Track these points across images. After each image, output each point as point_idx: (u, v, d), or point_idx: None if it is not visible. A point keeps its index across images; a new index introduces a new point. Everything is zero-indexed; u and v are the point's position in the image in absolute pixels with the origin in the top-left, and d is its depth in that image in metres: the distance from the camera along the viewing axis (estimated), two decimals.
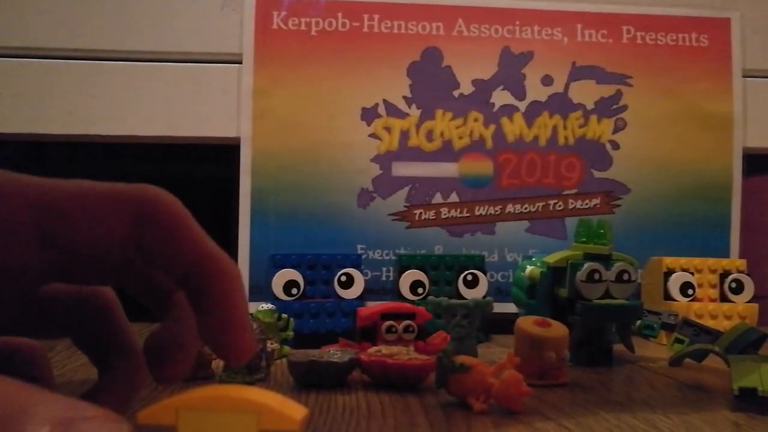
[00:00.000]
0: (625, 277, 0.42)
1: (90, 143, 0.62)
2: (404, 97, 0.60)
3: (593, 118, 0.62)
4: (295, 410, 0.18)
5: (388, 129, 0.60)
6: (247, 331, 0.22)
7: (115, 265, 0.23)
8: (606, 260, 0.42)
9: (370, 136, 0.59)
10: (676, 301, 0.53)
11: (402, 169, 0.59)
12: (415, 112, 0.60)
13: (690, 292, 0.54)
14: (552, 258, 0.44)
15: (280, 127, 0.59)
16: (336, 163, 0.59)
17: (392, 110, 0.60)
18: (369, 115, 0.59)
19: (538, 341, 0.36)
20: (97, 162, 0.66)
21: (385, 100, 0.60)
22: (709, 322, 0.51)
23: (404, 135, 0.60)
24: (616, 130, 0.62)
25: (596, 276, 0.42)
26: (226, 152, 0.60)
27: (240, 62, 0.59)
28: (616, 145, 0.62)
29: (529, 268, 0.48)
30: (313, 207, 0.58)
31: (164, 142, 0.60)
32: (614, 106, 0.63)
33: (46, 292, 0.24)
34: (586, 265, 0.42)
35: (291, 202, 0.58)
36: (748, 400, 0.31)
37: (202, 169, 0.63)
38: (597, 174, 0.62)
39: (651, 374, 0.40)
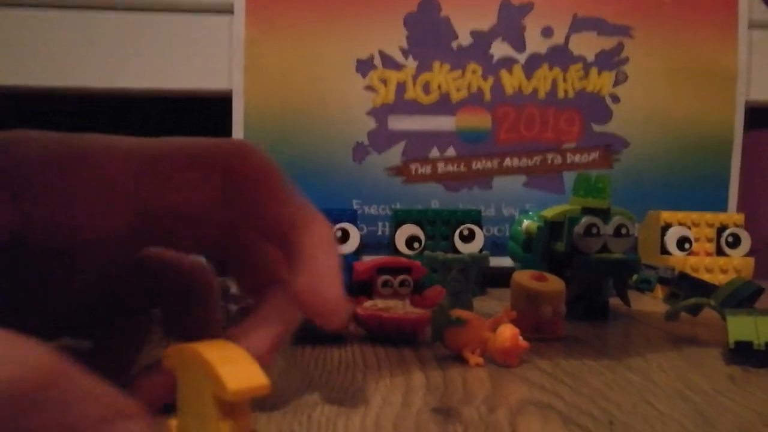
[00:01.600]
0: (623, 231, 0.42)
1: (77, 96, 0.60)
2: (401, 48, 0.58)
3: (594, 70, 0.61)
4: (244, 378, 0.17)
5: (383, 81, 0.58)
6: (333, 284, 0.21)
7: (210, 230, 0.22)
8: (604, 214, 0.42)
9: (365, 88, 0.58)
10: (673, 255, 0.53)
11: (398, 123, 0.58)
12: (411, 64, 0.58)
13: (687, 246, 0.54)
14: (550, 212, 0.44)
15: (272, 79, 0.57)
16: (330, 117, 0.58)
17: (388, 62, 0.58)
18: (364, 66, 0.58)
19: (534, 295, 0.36)
20: (84, 116, 0.65)
21: (380, 52, 0.58)
22: (705, 276, 0.51)
23: (400, 87, 0.58)
24: (616, 83, 0.61)
25: (594, 230, 0.41)
26: (217, 106, 0.59)
27: (231, 12, 0.57)
28: (616, 99, 0.61)
29: (526, 222, 0.48)
30: (307, 161, 0.57)
31: (154, 95, 0.59)
32: (615, 59, 0.61)
33: (145, 262, 0.24)
34: (583, 219, 0.41)
35: (284, 156, 0.57)
36: (743, 354, 0.31)
37: (192, 124, 0.61)
38: (596, 128, 0.61)
39: (647, 328, 0.40)
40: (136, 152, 0.21)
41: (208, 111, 0.60)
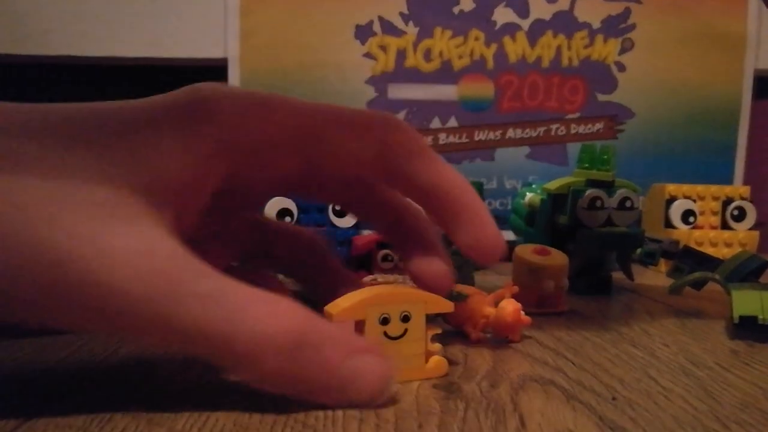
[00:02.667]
0: (628, 204, 0.41)
1: (69, 65, 0.59)
2: (401, 14, 0.56)
3: (599, 38, 0.59)
4: (447, 302, 0.24)
5: (383, 48, 0.57)
6: (496, 228, 0.25)
7: (355, 186, 0.26)
8: (608, 187, 0.41)
9: (364, 55, 0.57)
10: (677, 228, 0.53)
11: (398, 92, 0.57)
12: (412, 30, 0.57)
13: (691, 219, 0.53)
14: (553, 185, 0.43)
15: (268, 46, 0.56)
16: (328, 85, 0.56)
17: (388, 28, 0.57)
18: (363, 33, 0.56)
19: (536, 269, 0.35)
20: (76, 85, 0.63)
21: (380, 17, 0.56)
22: (709, 250, 0.50)
23: (401, 54, 0.57)
24: (622, 51, 0.60)
25: (598, 203, 0.41)
26: (212, 74, 0.57)
27: None
28: (622, 67, 0.60)
29: (528, 195, 0.47)
30: None
31: (147, 63, 0.58)
32: (622, 26, 0.59)
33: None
34: (588, 192, 0.41)
35: None
36: (747, 329, 0.31)
37: None
38: (601, 97, 0.60)
39: (650, 302, 0.40)
40: (305, 110, 0.23)
41: (202, 79, 0.59)
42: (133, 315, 0.18)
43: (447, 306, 0.25)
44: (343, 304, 0.23)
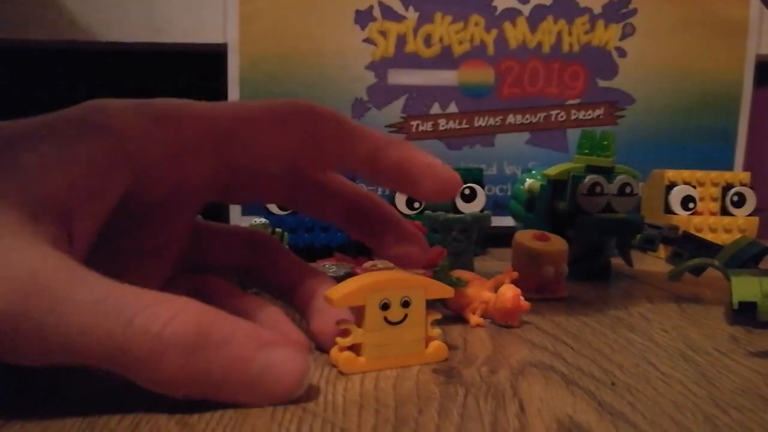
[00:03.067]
0: (627, 190, 0.41)
1: (66, 50, 0.59)
2: None
3: (600, 23, 0.59)
4: (447, 287, 0.25)
5: (383, 33, 0.56)
6: (438, 165, 0.25)
7: (289, 180, 0.26)
8: (608, 173, 0.41)
9: (364, 41, 0.56)
10: (677, 214, 0.53)
11: (398, 77, 0.57)
12: (412, 15, 0.56)
13: (691, 205, 0.53)
14: (553, 170, 0.43)
15: (268, 32, 0.55)
16: (328, 71, 0.56)
17: (388, 13, 0.56)
18: (363, 18, 0.56)
19: (536, 255, 0.35)
20: (74, 71, 0.63)
21: (380, 2, 0.56)
22: (708, 236, 0.50)
23: (401, 40, 0.56)
24: (623, 37, 0.59)
25: (598, 189, 0.41)
26: (210, 60, 0.57)
27: None
28: (622, 53, 0.59)
29: (528, 181, 0.47)
30: None
31: (145, 49, 0.57)
32: (623, 11, 0.59)
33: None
34: (588, 178, 0.40)
35: None
36: (746, 315, 0.31)
37: (185, 79, 0.60)
38: (601, 83, 0.59)
39: (649, 288, 0.40)
40: (211, 114, 0.23)
41: (200, 65, 0.59)
42: (15, 333, 0.17)
43: (447, 291, 0.25)
44: (343, 289, 0.23)
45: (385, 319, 0.23)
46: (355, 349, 0.23)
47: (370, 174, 0.25)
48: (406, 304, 0.24)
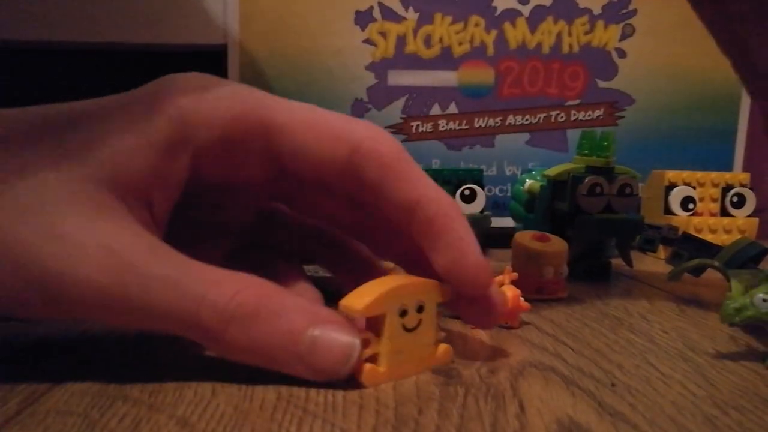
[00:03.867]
0: (627, 190, 0.41)
1: (66, 50, 0.59)
2: (401, 0, 0.56)
3: (600, 23, 0.59)
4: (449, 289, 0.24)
5: (383, 34, 0.56)
6: (478, 253, 0.22)
7: (341, 195, 0.25)
8: (608, 173, 0.41)
9: (364, 41, 0.56)
10: (676, 215, 0.53)
11: (398, 78, 0.57)
12: (412, 16, 0.56)
13: (691, 206, 0.53)
14: (553, 171, 0.43)
15: (268, 32, 0.55)
16: (328, 71, 0.56)
17: (388, 13, 0.56)
18: (363, 18, 0.56)
19: (535, 256, 0.35)
20: (72, 72, 0.63)
21: (380, 3, 0.56)
22: (708, 237, 0.50)
23: (401, 40, 0.56)
24: (623, 37, 0.59)
25: (598, 189, 0.41)
26: (209, 60, 0.57)
27: None
28: (622, 53, 0.59)
29: (528, 181, 0.47)
30: None
31: (143, 49, 0.57)
32: (623, 11, 0.59)
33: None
34: (587, 179, 0.40)
35: None
36: None
37: None
38: (601, 84, 0.59)
39: (649, 289, 0.40)
40: (272, 107, 0.23)
41: (201, 65, 0.58)
42: (101, 303, 0.20)
43: (449, 294, 0.24)
44: (364, 299, 0.21)
45: (402, 325, 0.23)
46: (372, 359, 0.22)
47: (396, 221, 0.23)
48: (420, 309, 0.23)
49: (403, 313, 0.22)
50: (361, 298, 0.22)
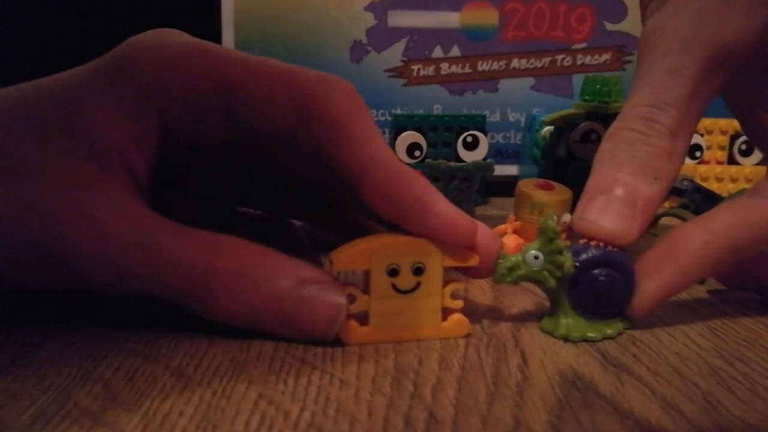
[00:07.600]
0: None
1: None
2: None
3: None
4: (471, 254, 0.22)
5: None
6: (449, 216, 0.21)
7: (305, 155, 0.23)
8: (608, 120, 0.40)
9: None
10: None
11: (399, 19, 0.54)
12: None
13: (698, 154, 0.52)
14: (550, 117, 0.42)
15: None
16: (326, 12, 0.54)
17: None
18: None
19: (538, 205, 0.35)
20: (64, 15, 0.60)
21: None
22: (714, 185, 0.49)
23: None
24: None
25: (593, 136, 0.40)
26: (205, 2, 0.55)
27: None
28: None
29: (546, 128, 0.46)
30: (301, 62, 0.53)
31: None
32: None
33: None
34: (582, 125, 0.39)
35: (278, 56, 0.53)
36: None
37: (179, 24, 0.58)
38: (609, 26, 0.57)
39: (651, 239, 0.40)
40: (228, 60, 0.22)
41: (193, 7, 0.56)
42: (88, 271, 0.20)
43: (469, 258, 0.22)
44: (346, 250, 0.21)
45: (394, 286, 0.21)
46: (364, 319, 0.21)
47: (350, 184, 0.22)
48: (419, 271, 0.21)
49: (393, 273, 0.21)
50: (344, 250, 0.21)
